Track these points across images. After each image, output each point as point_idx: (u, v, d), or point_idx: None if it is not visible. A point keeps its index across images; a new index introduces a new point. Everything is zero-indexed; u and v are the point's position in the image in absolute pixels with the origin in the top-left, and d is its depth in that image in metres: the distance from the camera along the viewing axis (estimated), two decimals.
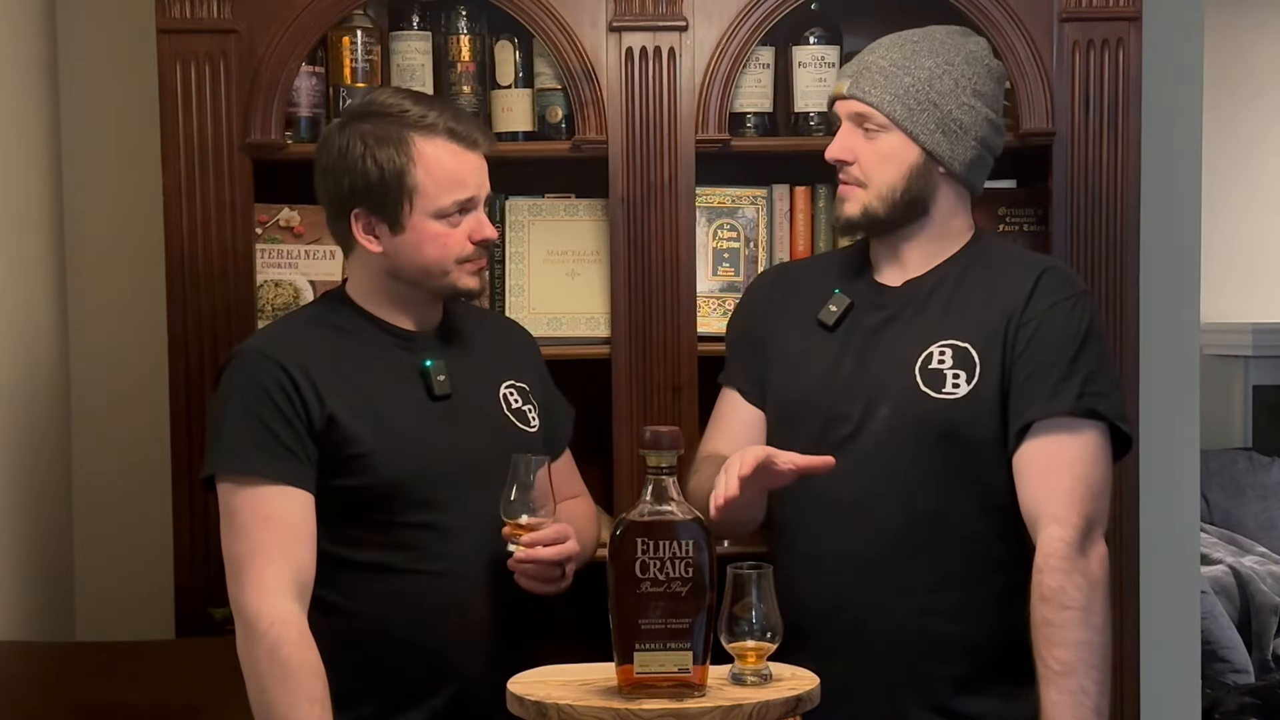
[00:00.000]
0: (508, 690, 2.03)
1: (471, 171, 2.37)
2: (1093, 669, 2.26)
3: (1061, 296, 2.37)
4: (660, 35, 2.92)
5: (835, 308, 2.45)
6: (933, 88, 2.38)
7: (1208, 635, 4.81)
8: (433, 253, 2.35)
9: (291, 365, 2.31)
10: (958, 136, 2.39)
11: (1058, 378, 2.31)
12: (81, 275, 3.33)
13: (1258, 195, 6.50)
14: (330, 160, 2.37)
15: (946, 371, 2.35)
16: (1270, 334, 6.30)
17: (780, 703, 1.99)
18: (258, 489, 2.28)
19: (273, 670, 2.21)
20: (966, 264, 2.44)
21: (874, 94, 2.39)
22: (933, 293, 2.42)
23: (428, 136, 2.33)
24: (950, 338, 2.37)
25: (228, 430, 2.31)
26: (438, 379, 2.38)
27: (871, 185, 2.40)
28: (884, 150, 2.39)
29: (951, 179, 2.42)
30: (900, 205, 2.40)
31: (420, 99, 2.42)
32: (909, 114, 2.37)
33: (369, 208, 2.35)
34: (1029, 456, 2.32)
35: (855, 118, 2.41)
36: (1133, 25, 2.93)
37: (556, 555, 2.31)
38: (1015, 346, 2.34)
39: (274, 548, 2.25)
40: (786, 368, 2.47)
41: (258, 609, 2.23)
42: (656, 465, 2.00)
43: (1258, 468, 5.95)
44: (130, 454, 3.28)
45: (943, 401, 2.34)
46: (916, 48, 2.41)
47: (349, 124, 2.37)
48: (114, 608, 3.30)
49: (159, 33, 2.87)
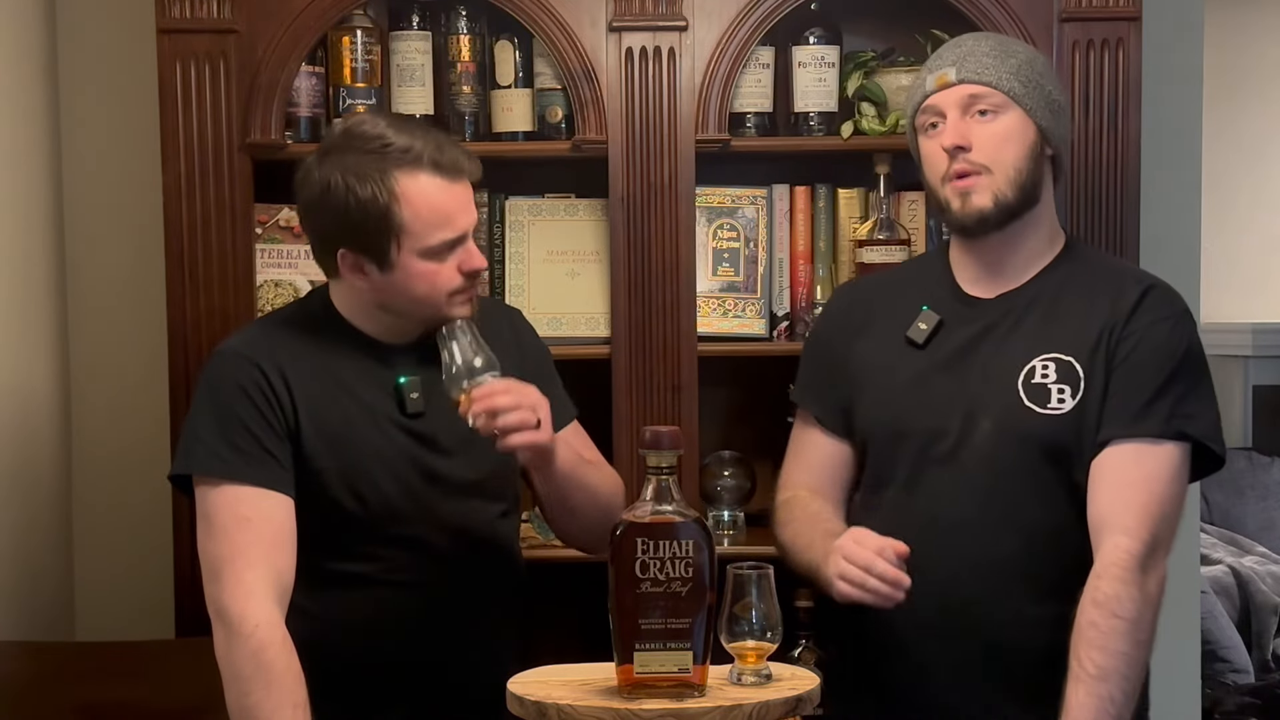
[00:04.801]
0: (508, 690, 2.03)
1: (459, 207, 2.27)
2: (1125, 680, 2.22)
3: (1163, 315, 2.33)
4: (660, 35, 2.92)
5: (925, 325, 2.39)
6: (1034, 68, 2.37)
7: (1208, 635, 4.80)
8: (422, 289, 2.28)
9: (269, 368, 2.28)
10: (1061, 116, 2.38)
11: (1148, 398, 2.28)
12: (81, 275, 3.33)
13: (1258, 195, 6.50)
14: (312, 197, 2.28)
15: (1051, 386, 2.31)
16: (1270, 334, 6.29)
17: (780, 703, 1.99)
18: (236, 490, 2.24)
19: (257, 674, 2.18)
20: (1064, 276, 2.39)
21: (989, 74, 2.33)
22: (1031, 304, 2.37)
23: (411, 172, 2.22)
24: (1053, 351, 2.33)
25: (206, 431, 2.28)
26: (410, 396, 2.32)
27: (998, 169, 2.33)
28: (1005, 129, 2.33)
29: (1050, 164, 2.39)
30: (1027, 189, 2.34)
31: (401, 127, 2.28)
32: (1025, 90, 2.34)
33: (355, 248, 2.27)
34: (1106, 466, 2.28)
35: (967, 102, 2.34)
36: (1133, 25, 2.93)
37: (516, 401, 2.20)
38: (1113, 360, 2.30)
39: (254, 550, 2.22)
40: (876, 389, 2.42)
41: (241, 612, 2.19)
42: (656, 465, 1.99)
43: (1258, 468, 5.95)
44: (130, 454, 3.28)
45: (1047, 417, 2.30)
46: (1002, 37, 2.42)
47: (328, 157, 2.27)
48: (114, 608, 3.30)
49: (159, 33, 2.88)
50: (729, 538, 3.04)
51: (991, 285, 2.41)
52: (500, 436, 2.21)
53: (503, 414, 2.20)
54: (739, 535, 3.07)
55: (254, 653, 2.18)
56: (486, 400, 2.20)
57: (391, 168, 2.23)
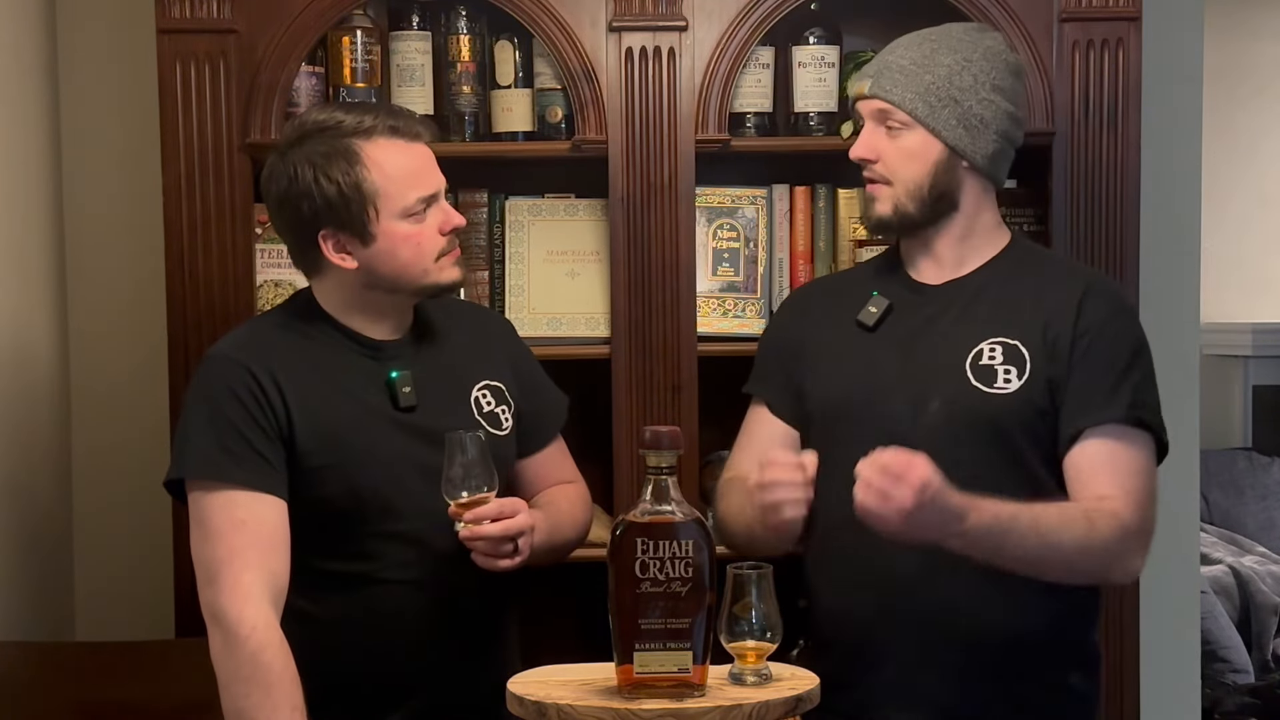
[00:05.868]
0: (508, 690, 2.03)
1: (425, 164, 2.34)
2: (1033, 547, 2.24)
3: (1116, 310, 2.41)
4: (660, 35, 2.92)
5: (875, 309, 2.46)
6: (952, 84, 2.40)
7: (1208, 635, 4.80)
8: (408, 254, 2.32)
9: (260, 371, 2.30)
10: (979, 131, 2.41)
11: (1110, 386, 2.34)
12: (81, 275, 3.33)
13: (1258, 195, 6.50)
14: (282, 190, 2.32)
15: (998, 367, 2.37)
16: (1270, 334, 6.30)
17: (780, 703, 1.99)
18: (230, 493, 2.25)
19: (255, 676, 2.18)
20: (1011, 266, 2.46)
21: (895, 92, 2.41)
22: (979, 292, 2.44)
23: (371, 139, 2.30)
24: (1000, 335, 2.39)
25: (199, 435, 2.29)
26: (403, 390, 2.35)
27: (898, 182, 2.42)
28: (908, 147, 2.41)
29: (975, 173, 2.44)
30: (929, 202, 2.42)
31: (351, 107, 2.40)
32: (930, 111, 2.39)
33: (335, 225, 2.31)
34: (1083, 457, 2.34)
35: (878, 116, 2.43)
36: (1133, 25, 2.93)
37: (501, 531, 2.27)
38: (1071, 356, 2.36)
39: (250, 553, 2.23)
40: (827, 370, 2.47)
41: (239, 614, 2.20)
42: (656, 465, 2.00)
43: (1258, 468, 5.96)
44: (130, 453, 3.28)
45: (994, 396, 2.36)
46: (935, 45, 2.44)
47: (289, 152, 2.33)
48: (114, 608, 3.30)
49: (159, 33, 2.87)
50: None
51: (937, 273, 2.47)
52: (472, 550, 2.29)
53: (483, 536, 2.27)
54: None
55: (252, 654, 2.19)
56: (476, 528, 2.27)
57: (352, 141, 2.30)
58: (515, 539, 2.29)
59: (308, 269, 2.40)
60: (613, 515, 2.83)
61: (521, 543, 2.30)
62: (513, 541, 2.29)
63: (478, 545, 2.28)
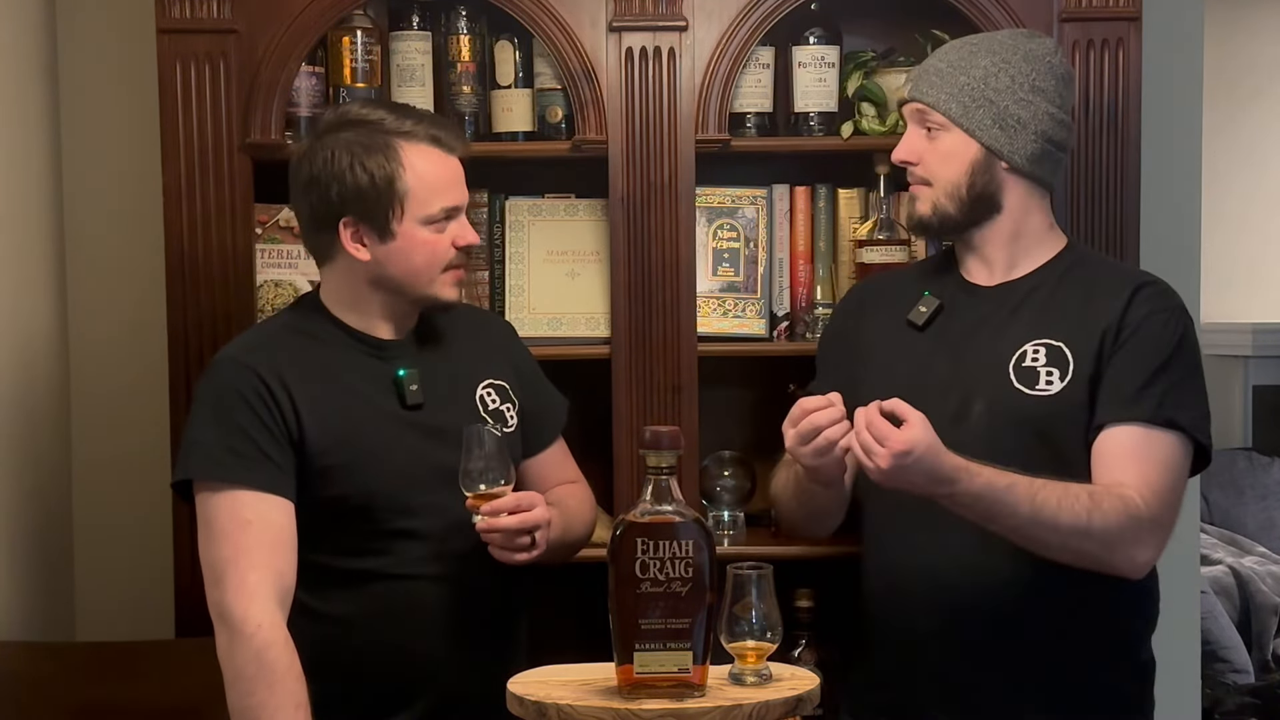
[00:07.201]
0: (508, 690, 2.03)
1: (456, 178, 2.39)
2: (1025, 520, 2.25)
3: (1158, 308, 2.40)
4: (660, 35, 2.92)
5: (925, 308, 2.49)
6: (988, 85, 2.42)
7: (1208, 635, 4.80)
8: (420, 259, 2.36)
9: (268, 374, 2.32)
10: (1016, 131, 2.42)
11: (1141, 384, 2.34)
12: (81, 275, 3.33)
13: (1257, 195, 6.50)
14: (314, 171, 2.36)
15: (1040, 369, 2.38)
16: (1270, 334, 6.30)
17: (780, 703, 1.99)
18: (236, 494, 2.27)
19: (260, 674, 2.20)
20: (1063, 270, 2.47)
21: (931, 94, 2.44)
22: (1029, 295, 2.45)
23: (413, 143, 2.35)
24: (1045, 337, 2.40)
25: (206, 437, 2.31)
26: (410, 389, 2.38)
27: (937, 183, 2.44)
28: (945, 148, 2.43)
29: (1018, 175, 2.44)
30: (968, 202, 2.44)
31: (395, 107, 2.44)
32: (964, 111, 2.41)
33: (358, 215, 2.34)
34: (1106, 445, 2.34)
35: (917, 118, 2.47)
36: (1133, 25, 2.93)
37: (519, 524, 2.30)
38: (1112, 351, 2.37)
39: (256, 553, 2.25)
40: (878, 369, 2.49)
41: (244, 613, 2.22)
42: (656, 465, 2.00)
43: (1258, 468, 5.95)
44: (130, 454, 3.28)
45: (1036, 398, 2.37)
46: (975, 49, 2.47)
47: (327, 135, 2.37)
48: (114, 608, 3.30)
49: (159, 33, 2.87)
50: (729, 538, 3.03)
51: (988, 275, 2.49)
52: (489, 543, 2.32)
53: (500, 528, 2.30)
54: (739, 535, 3.06)
55: (257, 653, 2.21)
56: (493, 520, 2.29)
57: (395, 139, 2.34)
58: (532, 532, 2.31)
59: (319, 255, 2.43)
60: (613, 515, 2.83)
61: (538, 536, 2.32)
62: (529, 534, 2.31)
63: (494, 538, 2.30)
